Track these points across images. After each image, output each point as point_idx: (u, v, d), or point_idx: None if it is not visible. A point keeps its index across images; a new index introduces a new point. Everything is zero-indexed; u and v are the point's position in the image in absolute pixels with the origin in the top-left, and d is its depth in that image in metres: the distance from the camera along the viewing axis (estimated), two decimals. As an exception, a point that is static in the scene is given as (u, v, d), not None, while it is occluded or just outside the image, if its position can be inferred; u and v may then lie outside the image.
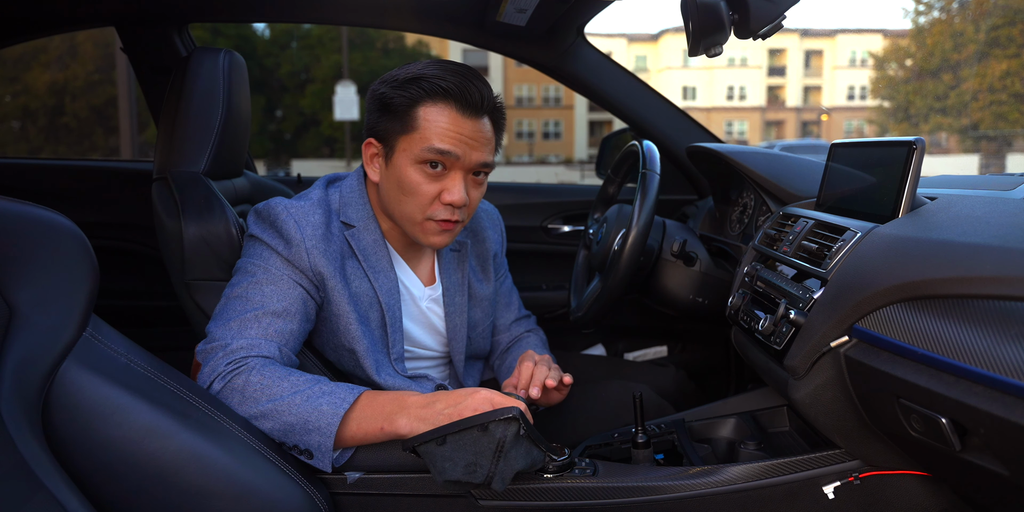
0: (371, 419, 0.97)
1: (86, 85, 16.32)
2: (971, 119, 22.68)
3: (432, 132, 1.10)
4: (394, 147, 1.13)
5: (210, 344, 1.04)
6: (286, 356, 1.07)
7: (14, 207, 0.79)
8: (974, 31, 23.07)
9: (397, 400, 0.98)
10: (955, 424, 0.73)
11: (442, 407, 0.95)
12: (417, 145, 1.10)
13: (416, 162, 1.11)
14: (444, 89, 1.09)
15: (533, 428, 0.90)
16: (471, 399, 0.94)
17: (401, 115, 1.11)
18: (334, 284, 1.14)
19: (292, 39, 22.59)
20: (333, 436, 0.95)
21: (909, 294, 0.79)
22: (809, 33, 40.56)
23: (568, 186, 2.49)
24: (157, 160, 1.34)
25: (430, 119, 1.10)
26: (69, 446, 0.78)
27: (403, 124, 1.11)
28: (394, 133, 1.13)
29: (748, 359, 1.21)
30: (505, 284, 1.47)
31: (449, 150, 1.10)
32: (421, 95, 1.10)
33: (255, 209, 1.17)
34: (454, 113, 1.10)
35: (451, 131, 1.10)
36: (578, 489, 1.01)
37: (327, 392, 0.98)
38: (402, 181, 1.13)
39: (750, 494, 1.01)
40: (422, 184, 1.12)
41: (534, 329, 1.49)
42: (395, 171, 1.13)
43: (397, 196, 1.14)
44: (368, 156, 1.18)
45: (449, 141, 1.10)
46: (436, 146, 1.09)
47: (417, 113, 1.10)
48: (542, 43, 1.87)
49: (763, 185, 1.38)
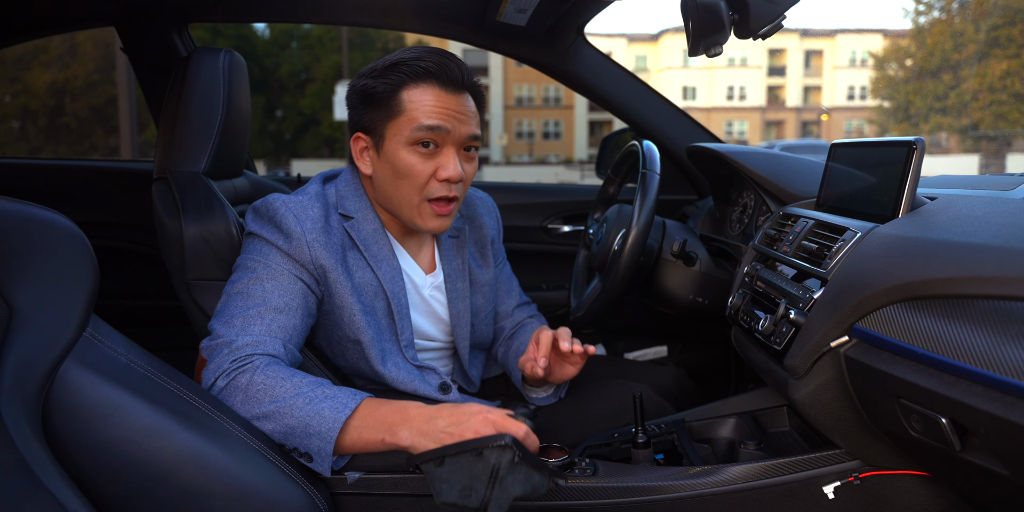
0: (372, 428, 0.95)
1: (86, 85, 16.33)
2: (971, 119, 22.69)
3: (419, 112, 1.12)
4: (383, 135, 1.15)
5: (214, 341, 1.04)
6: (291, 353, 1.07)
7: (14, 207, 0.79)
8: (974, 31, 23.07)
9: (400, 411, 0.96)
10: (955, 424, 0.73)
11: (444, 424, 0.93)
12: (406, 127, 1.12)
13: (408, 144, 1.13)
14: (425, 69, 1.12)
15: (532, 454, 0.88)
16: (473, 420, 0.92)
17: (386, 102, 1.13)
18: (336, 276, 1.14)
19: (292, 39, 22.60)
20: (333, 441, 0.94)
21: (909, 294, 0.79)
22: (809, 33, 40.58)
23: (568, 186, 2.49)
24: (157, 160, 1.34)
25: (415, 100, 1.12)
26: (69, 446, 0.78)
27: (388, 110, 1.13)
28: (381, 121, 1.14)
29: (748, 359, 1.21)
30: (504, 271, 1.48)
31: (439, 125, 1.12)
32: (403, 79, 1.12)
33: (253, 206, 1.17)
34: (437, 90, 1.13)
35: (438, 107, 1.12)
36: (578, 489, 1.01)
37: (329, 396, 0.98)
38: (396, 165, 1.14)
39: (750, 494, 1.01)
40: (416, 164, 1.14)
41: (536, 315, 1.50)
42: (387, 158, 1.15)
43: (393, 182, 1.16)
44: (358, 151, 1.20)
45: (437, 117, 1.12)
46: (425, 123, 1.11)
47: (401, 97, 1.12)
48: (542, 43, 1.87)
49: (763, 185, 1.38)
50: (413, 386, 1.19)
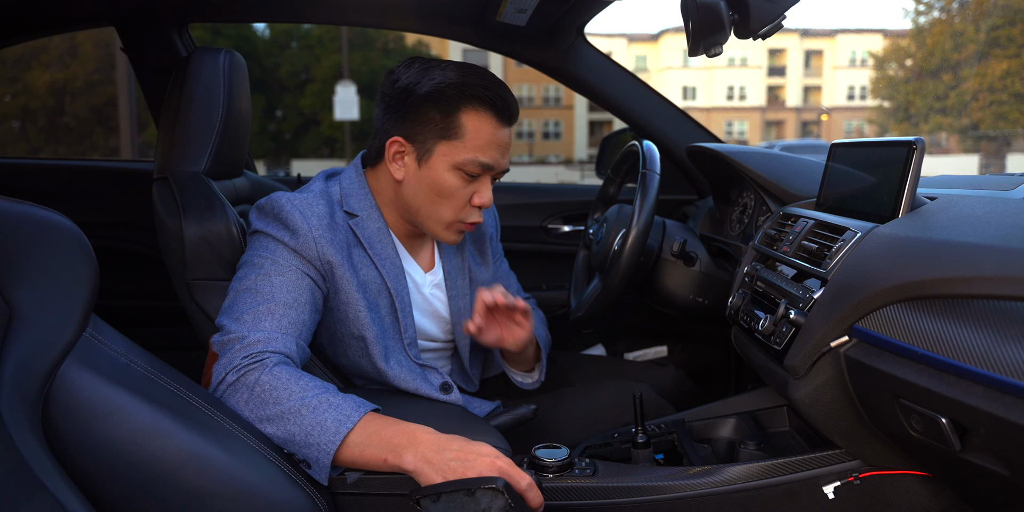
0: (376, 447, 0.94)
1: (86, 85, 16.32)
2: (971, 119, 22.69)
3: (477, 143, 1.14)
4: (431, 150, 1.15)
5: (226, 336, 1.03)
6: (301, 349, 1.07)
7: (14, 207, 0.78)
8: (974, 31, 23.07)
9: (407, 433, 0.95)
10: (955, 424, 0.73)
11: (451, 457, 0.91)
12: (461, 154, 1.14)
13: (455, 168, 1.15)
14: (488, 99, 1.13)
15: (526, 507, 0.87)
16: (480, 462, 0.90)
17: (442, 119, 1.13)
18: (343, 272, 1.15)
19: (292, 39, 22.57)
20: (332, 455, 0.93)
21: (909, 294, 0.79)
22: (809, 33, 40.57)
23: (568, 186, 2.49)
24: (158, 160, 1.34)
25: (472, 127, 1.13)
26: (69, 446, 0.78)
27: (444, 129, 1.13)
28: (432, 136, 1.14)
29: (748, 359, 1.21)
30: (502, 267, 1.48)
31: (492, 164, 1.16)
32: (464, 101, 1.12)
33: (257, 205, 1.17)
34: (494, 123, 1.14)
35: (493, 143, 1.15)
36: (578, 489, 1.01)
37: (334, 405, 0.96)
38: (439, 184, 1.15)
39: (750, 494, 1.01)
40: (459, 188, 1.16)
41: (534, 309, 1.50)
42: (430, 173, 1.15)
43: (430, 197, 1.17)
44: (392, 154, 1.17)
45: (491, 155, 1.15)
46: (482, 160, 1.14)
47: (459, 120, 1.13)
48: (542, 43, 1.87)
49: (763, 185, 1.38)
50: (415, 384, 1.19)
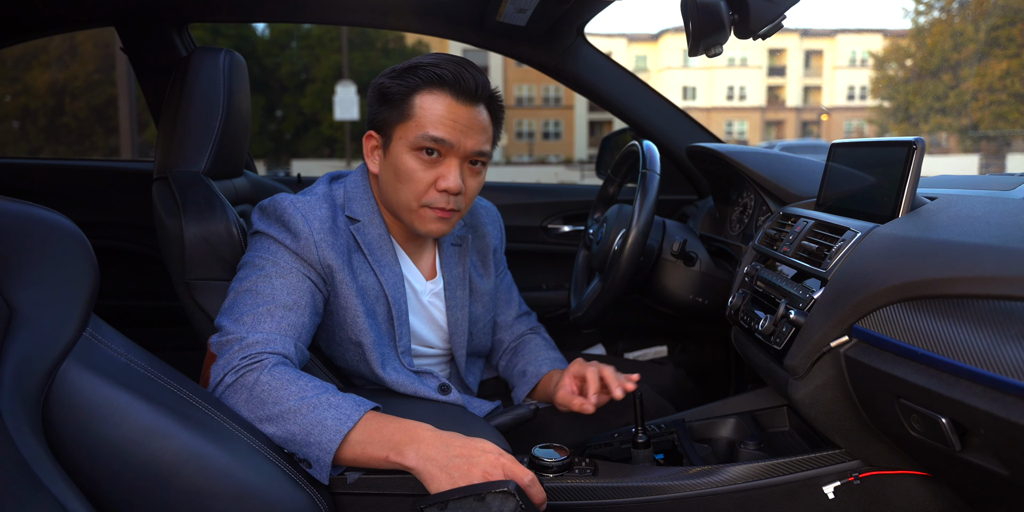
0: (377, 445, 0.94)
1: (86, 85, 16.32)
2: (971, 119, 22.68)
3: (427, 119, 1.12)
4: (391, 136, 1.15)
5: (225, 337, 1.03)
6: (300, 351, 1.07)
7: (14, 207, 0.78)
8: (974, 31, 23.07)
9: (408, 431, 0.95)
10: (955, 424, 0.73)
11: (455, 454, 0.91)
12: (412, 132, 1.13)
13: (412, 149, 1.14)
14: (439, 77, 1.12)
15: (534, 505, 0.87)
16: (484, 459, 0.90)
17: (398, 104, 1.14)
18: (343, 277, 1.15)
19: (292, 39, 22.58)
20: (332, 454, 0.93)
21: (909, 294, 0.79)
22: (809, 33, 40.55)
23: (568, 186, 2.49)
24: (157, 160, 1.34)
25: (426, 106, 1.12)
26: (69, 446, 0.78)
27: (400, 113, 1.14)
28: (392, 122, 1.15)
29: (748, 359, 1.21)
30: (505, 280, 1.48)
31: (443, 137, 1.12)
32: (418, 83, 1.13)
33: (260, 206, 1.17)
34: (449, 100, 1.13)
35: (446, 118, 1.12)
36: (578, 489, 1.02)
37: (334, 405, 0.96)
38: (398, 168, 1.15)
39: (750, 494, 1.01)
40: (417, 171, 1.14)
41: (537, 327, 1.49)
42: (392, 159, 1.15)
43: (394, 184, 1.16)
44: (368, 148, 1.21)
45: (443, 128, 1.12)
46: (430, 133, 1.12)
47: (413, 101, 1.13)
48: (542, 43, 1.87)
49: (763, 185, 1.38)
50: (413, 388, 1.19)
